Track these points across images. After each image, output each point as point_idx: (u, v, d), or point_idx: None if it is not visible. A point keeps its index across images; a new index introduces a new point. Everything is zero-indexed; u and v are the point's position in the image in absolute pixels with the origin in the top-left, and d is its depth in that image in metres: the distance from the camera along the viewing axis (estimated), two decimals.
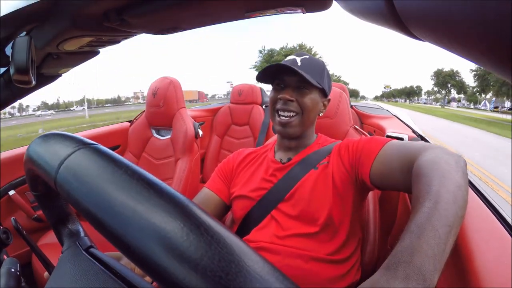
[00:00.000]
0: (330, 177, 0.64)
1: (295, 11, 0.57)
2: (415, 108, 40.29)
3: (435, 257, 0.31)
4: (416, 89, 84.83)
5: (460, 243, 0.46)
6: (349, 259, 0.64)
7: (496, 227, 0.50)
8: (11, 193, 1.15)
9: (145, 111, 1.56)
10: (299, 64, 0.68)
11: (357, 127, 1.04)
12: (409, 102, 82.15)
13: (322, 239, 0.62)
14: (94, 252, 0.33)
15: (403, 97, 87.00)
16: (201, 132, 1.46)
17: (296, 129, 0.68)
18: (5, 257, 0.45)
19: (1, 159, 1.12)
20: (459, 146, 8.61)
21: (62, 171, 0.23)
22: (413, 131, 1.28)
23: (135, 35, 0.71)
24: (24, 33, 0.57)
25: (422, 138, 1.17)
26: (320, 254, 0.60)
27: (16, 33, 0.56)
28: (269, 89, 0.74)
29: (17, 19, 0.54)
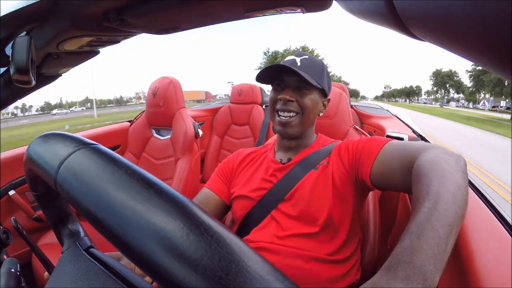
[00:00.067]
0: (330, 177, 0.64)
1: (295, 11, 0.57)
2: (414, 107, 41.93)
3: (436, 257, 0.31)
4: (415, 89, 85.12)
5: (460, 243, 0.46)
6: (349, 259, 0.64)
7: (496, 227, 0.50)
8: (11, 193, 1.15)
9: (145, 111, 1.56)
10: (299, 64, 0.67)
11: (357, 127, 1.04)
12: (409, 102, 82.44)
13: (322, 239, 0.62)
14: (94, 252, 0.33)
15: (403, 97, 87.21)
16: (201, 132, 1.46)
17: (296, 129, 0.68)
18: (5, 257, 0.45)
19: (1, 159, 1.12)
20: (452, 141, 10.09)
21: (62, 171, 0.23)
22: (413, 131, 1.28)
23: (135, 35, 0.71)
24: (24, 33, 0.57)
25: (422, 138, 1.17)
26: (320, 254, 0.60)
27: (16, 33, 0.56)
28: (269, 89, 0.74)
29: (17, 19, 0.54)
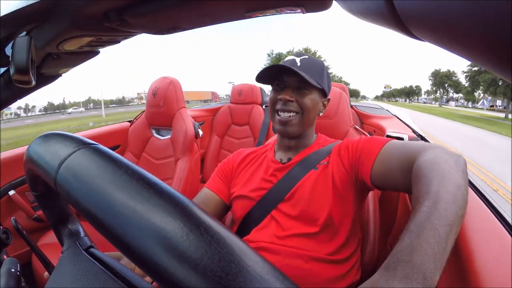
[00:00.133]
0: (330, 177, 0.64)
1: (295, 11, 0.57)
2: (413, 107, 43.48)
3: (435, 256, 0.30)
4: (415, 89, 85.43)
5: (460, 243, 0.46)
6: (349, 259, 0.64)
7: (496, 227, 0.50)
8: (11, 193, 1.15)
9: (145, 111, 1.56)
10: (299, 64, 0.67)
11: (357, 127, 1.04)
12: (409, 101, 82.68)
13: (322, 239, 0.62)
14: (94, 252, 0.33)
15: (403, 97, 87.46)
16: (201, 132, 1.46)
17: (295, 128, 0.68)
18: (5, 257, 0.45)
19: (1, 159, 1.12)
20: (445, 137, 10.84)
21: (62, 171, 0.23)
22: (413, 131, 1.28)
23: (135, 35, 0.71)
24: (24, 33, 0.57)
25: (422, 138, 1.17)
26: (320, 254, 0.60)
27: (16, 33, 0.56)
28: (269, 89, 0.74)
29: (17, 19, 0.54)
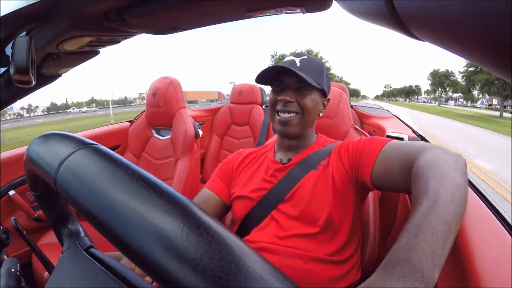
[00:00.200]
0: (330, 178, 0.64)
1: (295, 11, 0.57)
2: (413, 106, 44.93)
3: (434, 254, 0.30)
4: (415, 89, 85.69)
5: (460, 243, 0.46)
6: (349, 259, 0.64)
7: (496, 227, 0.50)
8: (11, 193, 1.15)
9: (145, 111, 1.56)
10: (298, 65, 0.67)
11: (357, 127, 1.04)
12: (409, 101, 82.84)
13: (322, 239, 0.62)
14: (94, 252, 0.33)
15: (403, 96, 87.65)
16: (201, 132, 1.46)
17: (296, 128, 0.68)
18: (5, 257, 0.45)
19: (1, 159, 1.12)
20: (440, 134, 11.41)
21: (62, 171, 0.23)
22: (413, 131, 1.28)
23: (135, 35, 0.71)
24: (24, 33, 0.57)
25: (422, 138, 1.17)
26: (320, 254, 0.60)
27: (16, 33, 0.56)
28: (269, 89, 0.74)
29: (17, 19, 0.54)
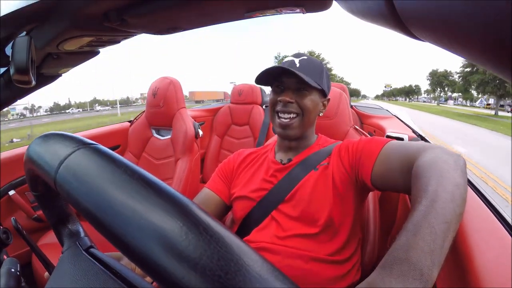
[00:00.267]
0: (330, 178, 0.64)
1: (295, 11, 0.57)
2: (412, 106, 46.41)
3: (432, 253, 0.30)
4: (414, 88, 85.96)
5: (460, 243, 0.46)
6: (350, 259, 0.64)
7: (496, 227, 0.50)
8: (11, 193, 1.15)
9: (145, 111, 1.56)
10: (298, 65, 0.67)
11: (357, 127, 1.04)
12: (408, 100, 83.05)
13: (322, 239, 0.62)
14: (94, 252, 0.33)
15: (403, 96, 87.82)
16: (201, 132, 1.46)
17: (296, 130, 0.68)
18: (5, 257, 0.45)
19: (1, 159, 1.12)
20: (433, 130, 11.90)
21: (61, 171, 0.23)
22: (413, 131, 1.28)
23: (135, 35, 0.71)
24: (24, 33, 0.57)
25: (422, 138, 1.17)
26: (320, 254, 0.60)
27: (16, 33, 0.56)
28: (269, 89, 0.74)
29: (17, 19, 0.54)
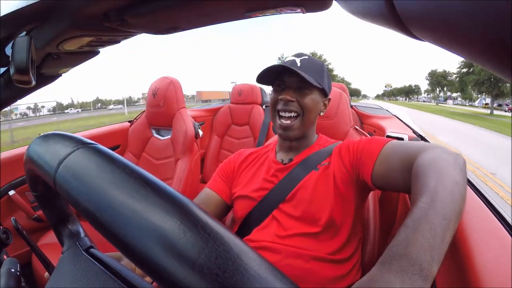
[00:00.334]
0: (331, 178, 0.64)
1: (295, 11, 0.57)
2: (411, 105, 47.62)
3: (432, 249, 0.30)
4: (414, 88, 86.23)
5: (460, 243, 0.46)
6: (350, 259, 0.64)
7: (496, 227, 0.50)
8: (11, 193, 1.15)
9: (145, 111, 1.56)
10: (299, 64, 0.68)
11: (357, 127, 1.04)
12: (408, 100, 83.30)
13: (323, 238, 0.62)
14: (94, 252, 0.33)
15: (403, 96, 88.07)
16: (201, 132, 1.46)
17: (297, 131, 0.69)
18: (5, 257, 0.45)
19: (1, 159, 1.12)
20: (428, 127, 12.03)
21: (61, 171, 0.23)
22: (413, 131, 1.28)
23: (135, 35, 0.71)
24: (24, 33, 0.57)
25: (422, 138, 1.17)
26: (321, 253, 0.60)
27: (16, 33, 0.56)
28: (269, 89, 0.74)
29: (17, 19, 0.54)
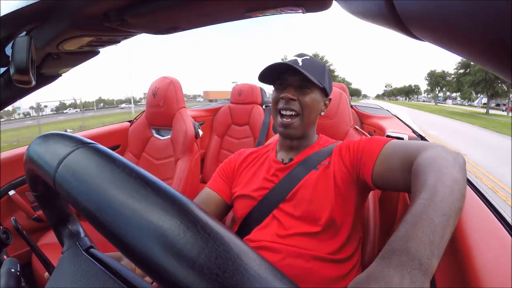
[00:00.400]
0: (331, 178, 0.64)
1: (295, 11, 0.57)
2: (411, 105, 48.83)
3: (432, 244, 0.30)
4: (414, 88, 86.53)
5: (460, 243, 0.46)
6: (350, 258, 0.64)
7: (496, 227, 0.50)
8: (11, 193, 1.15)
9: (145, 111, 1.56)
10: (300, 64, 0.68)
11: (357, 127, 1.04)
12: (408, 100, 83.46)
13: (323, 238, 0.62)
14: (94, 252, 0.33)
15: (403, 96, 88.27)
16: (201, 132, 1.46)
17: (297, 130, 0.69)
18: (5, 257, 0.45)
19: (1, 159, 1.12)
20: (426, 126, 12.42)
21: (61, 170, 0.23)
22: (413, 131, 1.28)
23: (135, 35, 0.71)
24: (24, 33, 0.57)
25: (422, 138, 1.17)
26: (321, 253, 0.60)
27: (16, 33, 0.56)
28: (269, 89, 0.74)
29: (17, 19, 0.54)
